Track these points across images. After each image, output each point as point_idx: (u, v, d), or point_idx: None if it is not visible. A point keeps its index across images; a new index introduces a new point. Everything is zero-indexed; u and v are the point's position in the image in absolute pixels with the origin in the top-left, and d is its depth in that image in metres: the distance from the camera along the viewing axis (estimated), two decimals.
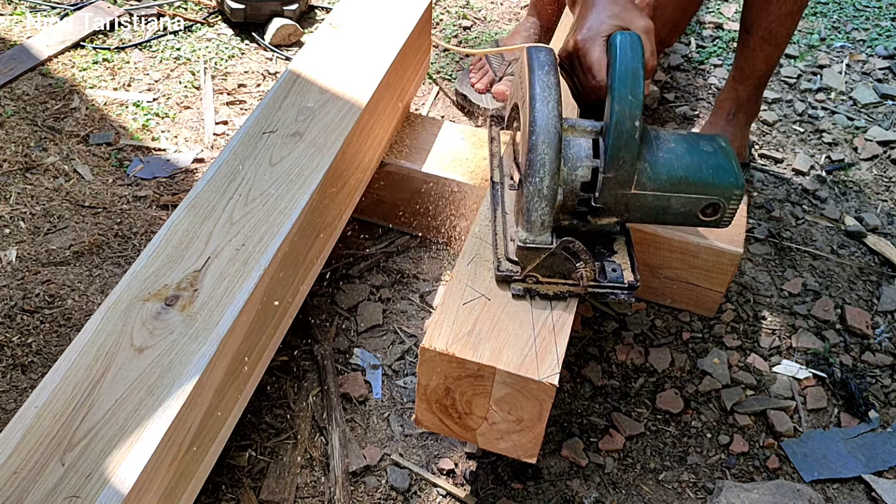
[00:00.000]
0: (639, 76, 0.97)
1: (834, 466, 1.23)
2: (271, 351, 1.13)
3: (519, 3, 2.20)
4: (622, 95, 0.97)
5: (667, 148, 1.03)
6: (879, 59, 2.08)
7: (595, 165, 1.00)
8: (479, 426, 1.03)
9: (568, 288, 1.04)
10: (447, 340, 0.98)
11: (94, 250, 1.44)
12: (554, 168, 0.98)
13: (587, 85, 1.06)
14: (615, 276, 1.04)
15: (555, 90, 0.99)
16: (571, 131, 1.01)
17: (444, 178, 1.42)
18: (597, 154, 1.00)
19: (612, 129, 0.97)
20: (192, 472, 0.96)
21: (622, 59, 0.98)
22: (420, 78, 1.58)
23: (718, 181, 1.02)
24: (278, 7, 1.98)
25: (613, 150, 0.98)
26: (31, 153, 1.62)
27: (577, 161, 1.00)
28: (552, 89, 0.99)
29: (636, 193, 1.01)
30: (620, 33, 1.00)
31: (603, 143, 0.99)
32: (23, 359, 1.27)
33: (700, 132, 1.67)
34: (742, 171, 1.14)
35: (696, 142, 1.05)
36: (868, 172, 1.76)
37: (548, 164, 0.97)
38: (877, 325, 1.44)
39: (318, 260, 1.23)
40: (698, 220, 1.05)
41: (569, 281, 1.03)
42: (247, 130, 1.21)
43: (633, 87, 0.97)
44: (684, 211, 1.04)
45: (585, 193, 1.01)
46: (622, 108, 0.97)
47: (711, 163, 1.03)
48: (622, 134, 0.97)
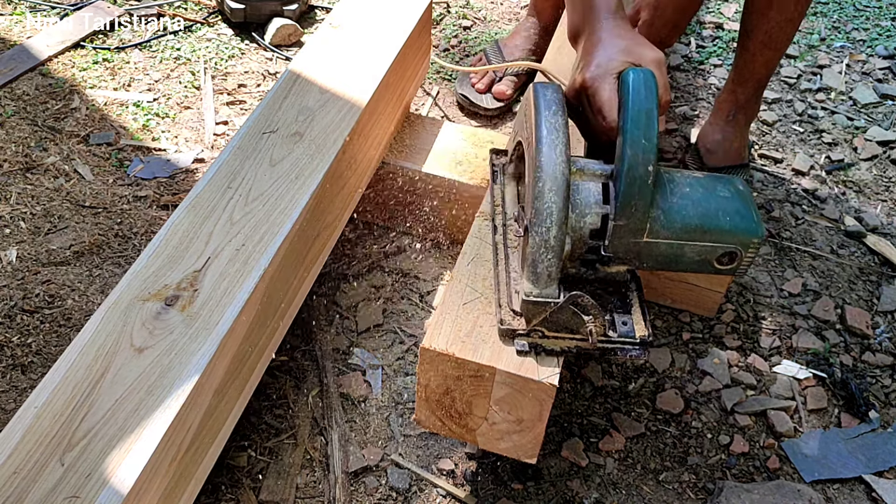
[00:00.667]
0: (653, 117, 0.92)
1: (834, 467, 1.23)
2: (271, 351, 1.13)
3: (519, 3, 2.20)
4: (635, 139, 0.91)
5: (681, 193, 0.96)
6: (879, 59, 2.08)
7: (605, 212, 0.94)
8: (480, 426, 1.03)
9: (576, 343, 0.97)
10: (447, 340, 0.98)
11: (94, 250, 1.44)
12: (562, 217, 0.91)
13: (597, 126, 1.00)
14: (626, 331, 0.97)
15: (563, 132, 0.93)
16: (580, 175, 0.96)
17: (444, 178, 1.42)
18: (607, 200, 0.95)
19: (624, 174, 0.92)
20: (192, 472, 0.96)
21: (635, 98, 0.93)
22: (420, 78, 1.58)
23: (736, 229, 0.96)
24: (278, 7, 1.98)
25: (625, 197, 0.92)
26: (32, 153, 1.62)
27: (585, 207, 0.94)
28: (560, 131, 0.93)
29: (648, 242, 0.95)
30: (632, 70, 0.95)
31: (614, 188, 0.94)
32: (23, 359, 1.26)
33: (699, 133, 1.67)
34: (761, 217, 1.07)
35: (712, 185, 0.99)
36: (868, 172, 1.76)
37: (555, 212, 0.91)
38: (877, 325, 1.43)
39: (318, 260, 1.23)
40: (713, 268, 0.99)
41: (577, 336, 0.96)
42: (247, 130, 1.21)
43: (647, 130, 0.91)
44: (699, 259, 0.98)
45: (594, 241, 0.96)
46: (635, 153, 0.91)
47: (728, 209, 0.97)
48: (635, 180, 0.91)
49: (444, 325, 1.00)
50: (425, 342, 0.98)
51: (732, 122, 1.62)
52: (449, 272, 1.46)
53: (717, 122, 1.64)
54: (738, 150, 1.64)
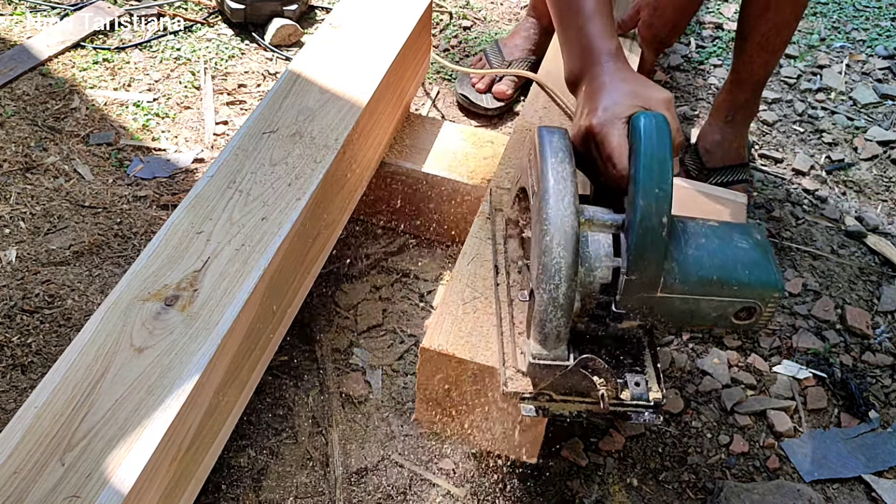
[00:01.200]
0: (666, 165, 0.86)
1: (834, 466, 1.23)
2: (271, 351, 1.13)
3: (519, 3, 2.20)
4: (648, 189, 0.85)
5: (697, 244, 0.91)
6: (879, 59, 2.08)
7: (616, 265, 0.88)
8: (480, 426, 1.03)
9: (586, 407, 0.92)
10: (447, 340, 0.98)
11: (94, 250, 1.44)
12: (571, 273, 0.85)
13: (607, 174, 0.94)
14: (639, 393, 0.91)
15: (570, 182, 0.88)
16: (589, 226, 0.90)
17: (444, 177, 1.42)
18: (618, 252, 0.88)
19: (637, 226, 0.85)
20: (192, 472, 0.96)
21: (647, 145, 0.87)
22: (420, 78, 1.58)
23: (755, 282, 0.90)
24: (278, 7, 1.98)
25: (637, 251, 0.86)
26: (32, 153, 1.62)
27: (595, 260, 0.88)
28: (568, 181, 0.87)
29: (662, 297, 0.89)
30: (643, 114, 0.90)
31: (625, 239, 0.88)
32: (23, 359, 1.27)
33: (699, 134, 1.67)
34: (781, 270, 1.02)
35: (728, 235, 0.93)
36: (868, 172, 1.76)
37: (564, 268, 0.85)
38: (877, 325, 1.44)
39: (317, 260, 1.24)
40: (731, 323, 0.93)
41: (587, 399, 0.91)
42: (247, 130, 1.21)
43: (661, 178, 0.86)
44: (716, 315, 0.92)
45: (605, 296, 0.89)
46: (648, 203, 0.85)
47: (747, 260, 0.91)
48: (647, 232, 0.85)
49: (444, 325, 1.00)
50: (425, 342, 0.98)
51: (731, 122, 1.62)
52: (449, 272, 1.46)
53: (715, 123, 1.64)
54: (738, 150, 1.64)
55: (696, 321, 0.93)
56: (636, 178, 0.87)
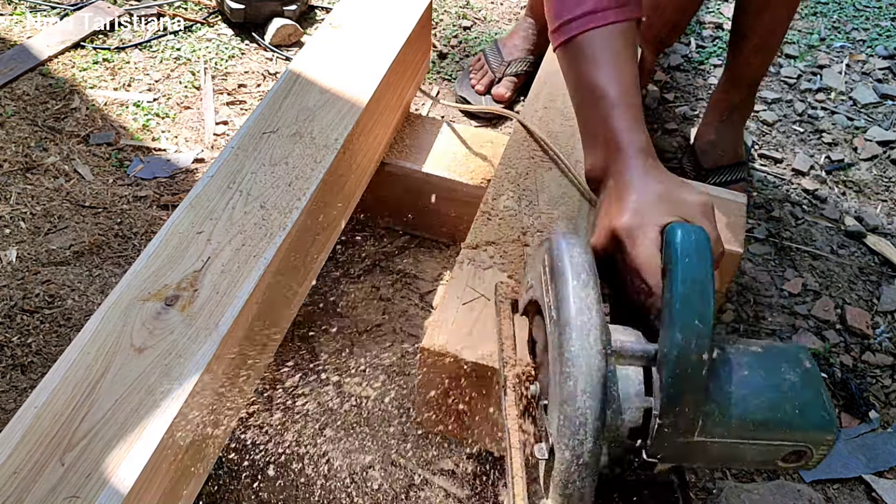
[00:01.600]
0: (708, 291, 0.74)
1: (834, 467, 1.23)
2: (271, 351, 1.13)
3: (519, 3, 2.20)
4: (686, 321, 0.73)
5: (739, 378, 0.78)
6: (879, 59, 2.08)
7: (647, 405, 0.75)
8: (480, 426, 1.03)
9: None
10: (447, 340, 0.98)
11: (94, 250, 1.44)
12: (598, 426, 0.71)
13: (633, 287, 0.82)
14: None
15: (597, 311, 0.74)
16: (616, 358, 0.76)
17: (444, 178, 1.42)
18: (649, 390, 0.76)
19: (672, 364, 0.73)
20: (192, 471, 0.96)
21: (686, 267, 0.75)
22: (420, 78, 1.58)
23: (806, 425, 0.78)
24: (278, 7, 1.98)
25: (673, 392, 0.73)
26: (32, 153, 1.62)
27: (625, 401, 0.75)
28: (593, 311, 0.74)
29: (700, 441, 0.77)
30: (681, 227, 0.77)
31: (657, 375, 0.75)
32: (23, 359, 1.27)
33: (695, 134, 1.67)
34: (834, 407, 0.91)
35: (775, 365, 0.80)
36: (868, 172, 1.76)
37: (591, 422, 0.71)
38: (877, 325, 1.44)
39: (318, 260, 1.23)
40: (776, 466, 0.82)
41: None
42: (247, 130, 1.21)
43: (701, 308, 0.73)
44: (760, 459, 0.81)
45: (634, 441, 0.77)
46: (686, 338, 0.72)
47: (797, 398, 0.78)
48: (685, 372, 0.73)
49: (444, 325, 1.00)
50: (425, 342, 0.98)
51: (727, 121, 1.62)
52: (449, 272, 1.46)
53: (711, 123, 1.64)
54: (734, 150, 1.64)
55: (738, 464, 0.85)
56: (672, 307, 0.74)
